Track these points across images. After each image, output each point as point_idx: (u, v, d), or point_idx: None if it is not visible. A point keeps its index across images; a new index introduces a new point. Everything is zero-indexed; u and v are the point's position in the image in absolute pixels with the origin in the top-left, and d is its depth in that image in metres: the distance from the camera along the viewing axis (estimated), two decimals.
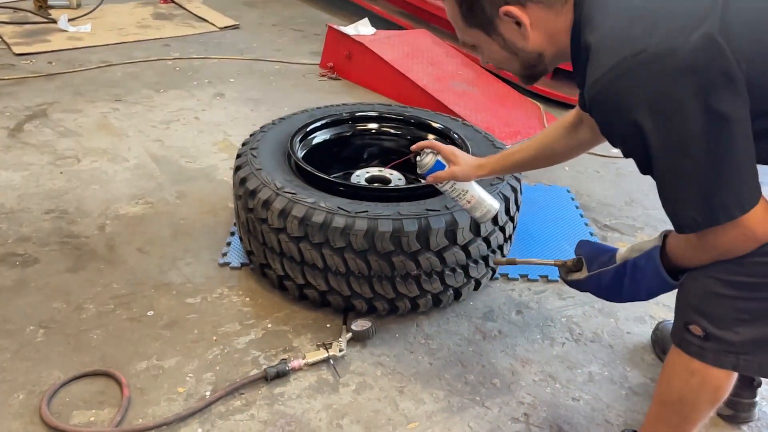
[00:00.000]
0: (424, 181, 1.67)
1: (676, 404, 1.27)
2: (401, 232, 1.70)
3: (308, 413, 1.63)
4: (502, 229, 1.89)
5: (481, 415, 1.64)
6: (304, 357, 1.75)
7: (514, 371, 1.78)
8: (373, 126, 2.35)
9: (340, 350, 1.78)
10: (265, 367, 1.71)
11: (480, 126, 2.43)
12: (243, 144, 2.11)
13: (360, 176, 2.18)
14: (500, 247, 1.93)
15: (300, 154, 2.07)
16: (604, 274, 1.38)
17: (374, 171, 2.21)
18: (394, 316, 1.94)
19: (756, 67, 1.01)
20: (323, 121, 2.26)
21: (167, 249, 2.23)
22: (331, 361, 1.77)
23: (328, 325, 1.91)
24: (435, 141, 1.66)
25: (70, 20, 4.48)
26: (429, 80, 3.38)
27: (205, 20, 4.80)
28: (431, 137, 2.23)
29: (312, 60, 4.10)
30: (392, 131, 2.34)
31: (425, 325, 1.93)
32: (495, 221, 1.84)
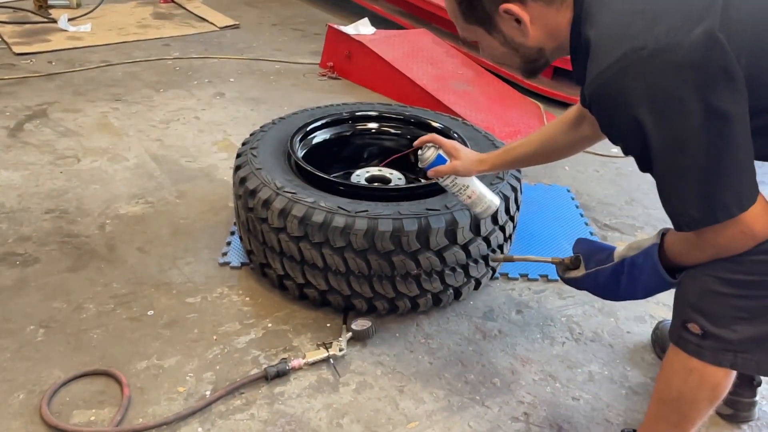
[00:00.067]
0: (426, 177, 1.66)
1: (675, 402, 1.27)
2: (401, 232, 1.71)
3: (308, 413, 1.63)
4: (502, 229, 1.89)
5: (481, 415, 1.64)
6: (305, 356, 1.75)
7: (514, 371, 1.78)
8: (373, 125, 2.35)
9: (340, 350, 1.78)
10: (266, 367, 1.71)
11: (480, 125, 2.43)
12: (243, 143, 2.11)
13: (360, 176, 2.18)
14: (500, 247, 1.93)
15: (300, 154, 2.07)
16: (602, 272, 1.38)
17: (374, 170, 2.21)
18: (394, 316, 1.94)
19: (756, 64, 1.01)
20: (323, 121, 2.26)
21: (167, 248, 2.23)
22: (331, 361, 1.77)
23: (328, 325, 1.91)
24: (437, 135, 1.66)
25: (70, 20, 4.48)
26: (429, 80, 3.38)
27: (205, 20, 4.80)
28: None
29: (312, 59, 4.10)
30: (392, 131, 2.34)
31: (425, 325, 1.93)
32: (495, 220, 1.84)
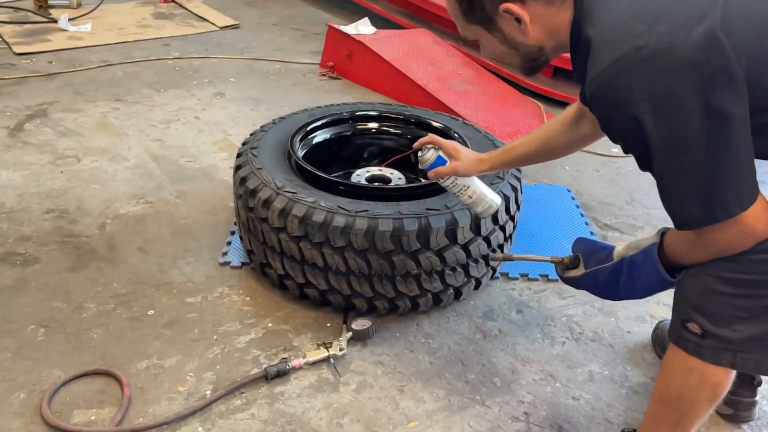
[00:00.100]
0: (427, 177, 1.66)
1: (675, 402, 1.27)
2: (401, 232, 1.70)
3: (309, 412, 1.63)
4: (503, 228, 1.89)
5: (482, 414, 1.64)
6: (305, 356, 1.75)
7: (515, 370, 1.78)
8: (374, 125, 2.35)
9: (341, 349, 1.78)
10: (266, 366, 1.71)
11: (480, 125, 2.43)
12: (243, 143, 2.11)
13: (360, 175, 2.18)
14: (500, 246, 1.92)
15: (300, 154, 2.07)
16: (601, 272, 1.38)
17: (374, 170, 2.21)
18: (395, 316, 1.94)
19: (756, 64, 1.01)
20: (323, 121, 2.26)
21: (167, 248, 2.23)
22: (332, 360, 1.77)
23: (329, 324, 1.91)
24: (436, 137, 1.66)
25: (71, 20, 4.48)
26: (429, 79, 3.38)
27: (206, 20, 4.80)
28: None
29: (312, 59, 4.10)
30: (392, 130, 2.34)
31: (425, 325, 1.93)
32: (495, 220, 1.84)
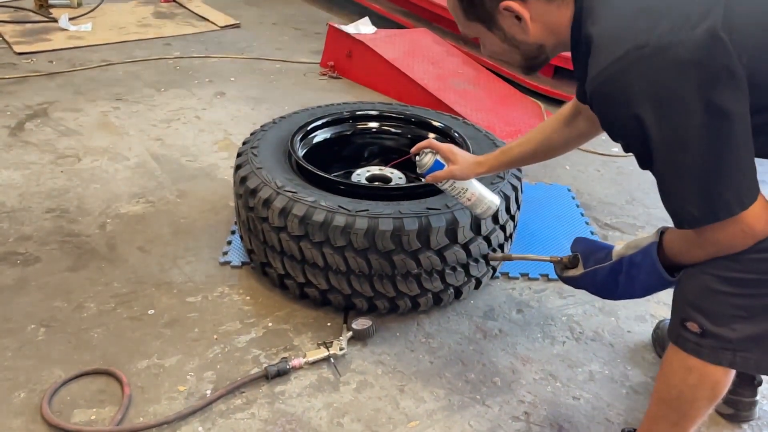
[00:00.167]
0: (424, 180, 1.67)
1: (675, 401, 1.27)
2: (402, 231, 1.70)
3: (309, 412, 1.63)
4: (503, 228, 1.89)
5: (482, 414, 1.64)
6: (305, 355, 1.75)
7: (515, 370, 1.78)
8: (374, 125, 2.35)
9: (341, 349, 1.78)
10: (266, 366, 1.71)
11: (481, 125, 2.43)
12: (243, 143, 2.11)
13: (360, 175, 2.18)
14: (501, 246, 1.92)
15: (300, 153, 2.07)
16: (600, 271, 1.38)
17: (375, 170, 2.21)
18: (395, 315, 1.94)
19: (757, 63, 1.01)
20: (324, 120, 2.26)
21: (168, 248, 2.23)
22: (332, 360, 1.77)
23: (329, 324, 1.91)
24: (434, 141, 1.66)
25: (71, 19, 4.48)
26: (430, 79, 3.38)
27: (206, 19, 4.80)
28: (432, 136, 2.23)
29: (312, 59, 4.10)
30: (393, 130, 2.34)
31: (426, 324, 1.93)
32: (495, 220, 1.84)
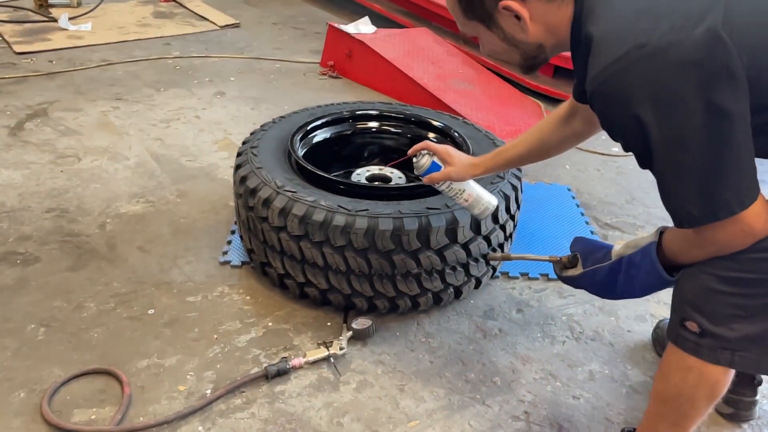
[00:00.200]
0: (423, 180, 1.67)
1: (674, 401, 1.27)
2: (402, 231, 1.70)
3: (309, 411, 1.63)
4: (503, 228, 1.89)
5: (482, 414, 1.64)
6: (305, 355, 1.75)
7: (515, 369, 1.78)
8: (374, 124, 2.35)
9: (341, 348, 1.78)
10: (266, 366, 1.71)
11: (481, 124, 2.43)
12: (243, 142, 2.11)
13: (360, 175, 2.18)
14: (501, 246, 1.92)
15: (300, 153, 2.07)
16: (599, 271, 1.38)
17: (375, 169, 2.21)
18: (395, 315, 1.94)
19: (758, 62, 1.01)
20: (324, 120, 2.26)
21: (168, 247, 2.23)
22: (332, 360, 1.77)
23: (329, 324, 1.91)
24: (431, 142, 1.66)
25: (71, 19, 4.48)
26: (430, 79, 3.38)
27: (206, 19, 4.80)
28: (431, 136, 2.23)
29: (312, 58, 4.10)
30: (393, 130, 2.34)
31: (426, 324, 1.93)
32: (495, 219, 1.84)
